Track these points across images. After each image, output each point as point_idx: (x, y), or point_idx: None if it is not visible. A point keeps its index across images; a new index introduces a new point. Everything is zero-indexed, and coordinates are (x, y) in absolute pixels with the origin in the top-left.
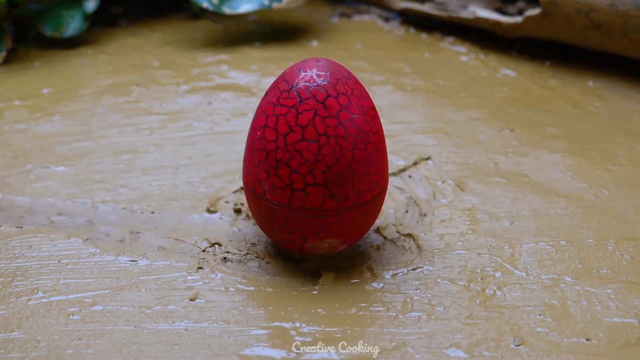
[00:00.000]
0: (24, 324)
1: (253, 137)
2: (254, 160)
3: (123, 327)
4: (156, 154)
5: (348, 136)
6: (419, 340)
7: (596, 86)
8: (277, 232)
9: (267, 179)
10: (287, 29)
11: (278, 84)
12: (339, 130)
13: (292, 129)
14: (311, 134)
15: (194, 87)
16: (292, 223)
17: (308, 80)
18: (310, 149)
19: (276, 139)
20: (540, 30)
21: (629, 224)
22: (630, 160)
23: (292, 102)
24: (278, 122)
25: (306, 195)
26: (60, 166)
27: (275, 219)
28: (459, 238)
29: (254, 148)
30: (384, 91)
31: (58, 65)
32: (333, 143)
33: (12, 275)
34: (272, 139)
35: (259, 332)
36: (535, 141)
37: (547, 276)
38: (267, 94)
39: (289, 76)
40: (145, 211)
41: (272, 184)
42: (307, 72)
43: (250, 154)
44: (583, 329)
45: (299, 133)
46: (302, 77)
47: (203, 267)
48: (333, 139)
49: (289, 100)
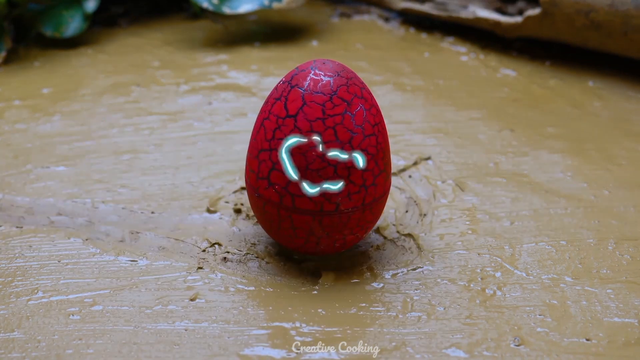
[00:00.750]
0: (24, 324)
1: (312, 159)
2: (317, 180)
3: (123, 327)
4: (156, 154)
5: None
6: (419, 340)
7: (596, 86)
8: (348, 236)
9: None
10: (287, 29)
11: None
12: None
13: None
14: (368, 129)
15: (194, 87)
16: (362, 220)
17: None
18: (371, 143)
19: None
20: (540, 30)
21: (629, 224)
22: (630, 160)
23: (341, 108)
24: (337, 132)
25: (375, 187)
26: (60, 166)
27: (348, 224)
28: (459, 238)
29: (312, 169)
30: (384, 91)
31: (58, 65)
32: (377, 132)
33: (12, 275)
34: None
35: (259, 332)
36: (535, 141)
37: (547, 276)
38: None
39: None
40: (145, 211)
41: (345, 194)
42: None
43: (311, 177)
44: (583, 329)
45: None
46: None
47: (203, 267)
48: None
49: (338, 108)
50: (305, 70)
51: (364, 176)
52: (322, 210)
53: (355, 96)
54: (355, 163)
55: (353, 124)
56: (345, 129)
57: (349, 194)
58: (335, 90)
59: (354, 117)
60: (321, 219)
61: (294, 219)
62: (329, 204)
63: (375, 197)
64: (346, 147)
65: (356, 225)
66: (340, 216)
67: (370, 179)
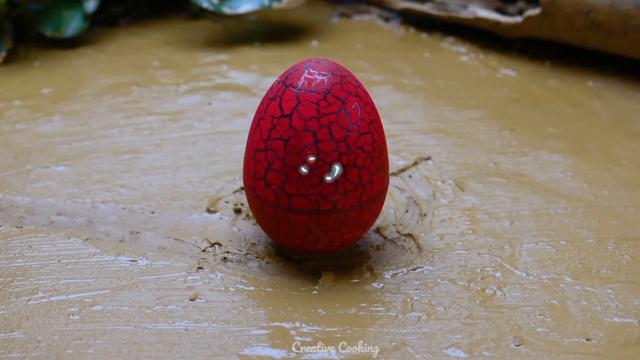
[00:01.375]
0: (24, 324)
1: (304, 158)
2: (313, 180)
3: (123, 327)
4: (156, 154)
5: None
6: (419, 340)
7: (596, 86)
8: (346, 234)
9: (335, 190)
10: (287, 29)
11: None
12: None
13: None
14: (363, 127)
15: (194, 87)
16: (360, 218)
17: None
18: (367, 141)
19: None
20: (540, 30)
21: (629, 224)
22: (630, 160)
23: (336, 107)
24: (331, 130)
25: (372, 185)
26: (60, 166)
27: (346, 222)
28: (459, 238)
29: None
30: (384, 91)
31: (58, 65)
32: (373, 130)
33: (12, 275)
34: (333, 149)
35: (259, 332)
36: (535, 141)
37: (547, 276)
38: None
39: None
40: (145, 211)
41: (342, 192)
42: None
43: (306, 176)
44: (583, 329)
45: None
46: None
47: (203, 267)
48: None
49: (332, 107)
50: (299, 69)
51: (360, 174)
52: (318, 209)
53: (350, 94)
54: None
55: (348, 122)
56: (340, 127)
57: (345, 192)
58: (329, 89)
59: (349, 115)
60: (318, 218)
61: (290, 218)
62: (326, 203)
63: (373, 195)
64: (341, 145)
65: (354, 223)
66: (338, 215)
67: (367, 177)
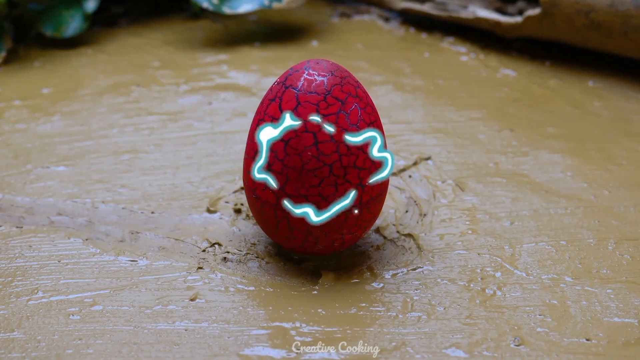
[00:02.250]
0: (24, 324)
1: (305, 159)
2: (314, 181)
3: (123, 327)
4: (156, 154)
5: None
6: (419, 340)
7: (596, 86)
8: (346, 235)
9: (335, 190)
10: (287, 29)
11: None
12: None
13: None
14: (363, 127)
15: (194, 87)
16: (360, 219)
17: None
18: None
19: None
20: (540, 30)
21: (629, 224)
22: (630, 160)
23: (336, 108)
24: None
25: (372, 185)
26: (60, 166)
27: (346, 223)
28: (459, 238)
29: (307, 169)
30: (384, 91)
31: (58, 65)
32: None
33: (12, 275)
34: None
35: (259, 332)
36: (535, 141)
37: (547, 276)
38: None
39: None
40: (145, 211)
41: (342, 192)
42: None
43: (306, 178)
44: (583, 329)
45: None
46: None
47: (203, 267)
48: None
49: (332, 107)
50: (299, 70)
51: (360, 175)
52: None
53: (350, 95)
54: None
55: (348, 122)
56: (340, 128)
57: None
58: (329, 90)
59: (349, 115)
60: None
61: (290, 219)
62: (325, 204)
63: (372, 195)
64: (341, 146)
65: (354, 224)
66: (337, 216)
67: (367, 178)
